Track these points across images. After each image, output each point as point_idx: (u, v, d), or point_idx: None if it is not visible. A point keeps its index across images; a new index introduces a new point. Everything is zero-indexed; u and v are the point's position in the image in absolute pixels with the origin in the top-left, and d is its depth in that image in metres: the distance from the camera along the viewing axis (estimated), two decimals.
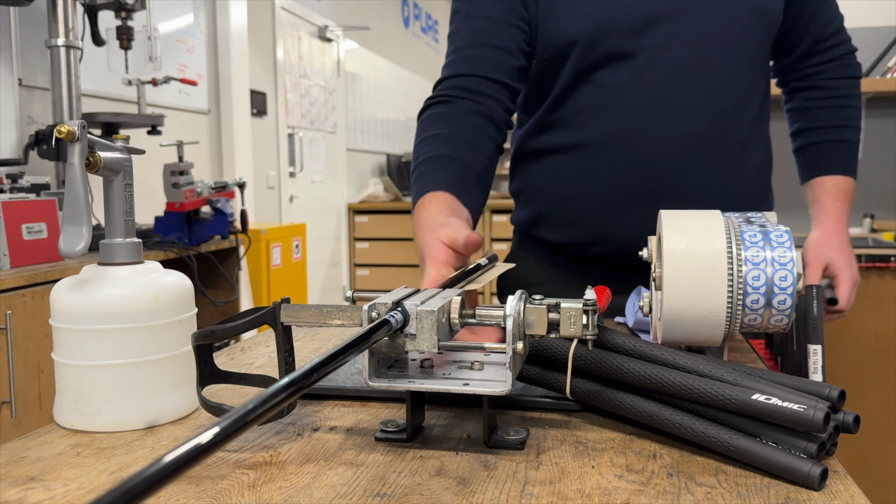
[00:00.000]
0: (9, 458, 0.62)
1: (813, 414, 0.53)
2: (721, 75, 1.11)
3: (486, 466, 0.58)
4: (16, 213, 1.78)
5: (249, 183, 3.74)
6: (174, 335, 0.70)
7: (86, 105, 2.54)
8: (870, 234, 2.95)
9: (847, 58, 1.25)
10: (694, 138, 1.10)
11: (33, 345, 1.66)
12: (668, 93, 1.10)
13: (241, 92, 3.79)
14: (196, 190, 2.33)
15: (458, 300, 0.63)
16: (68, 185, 0.66)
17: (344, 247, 5.54)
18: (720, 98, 1.11)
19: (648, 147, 1.10)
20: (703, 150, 1.10)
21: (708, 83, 1.10)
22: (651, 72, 1.10)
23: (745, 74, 1.14)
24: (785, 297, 0.70)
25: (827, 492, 0.53)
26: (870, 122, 3.13)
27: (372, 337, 0.53)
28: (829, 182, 1.21)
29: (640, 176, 1.10)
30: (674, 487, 0.54)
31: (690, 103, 1.10)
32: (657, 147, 1.10)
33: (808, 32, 1.21)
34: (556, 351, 0.69)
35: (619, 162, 1.11)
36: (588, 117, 1.13)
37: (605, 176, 1.12)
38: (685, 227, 0.73)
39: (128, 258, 0.71)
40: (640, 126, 1.10)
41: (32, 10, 2.37)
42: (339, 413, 0.72)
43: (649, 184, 1.10)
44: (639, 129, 1.10)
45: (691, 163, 1.10)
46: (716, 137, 1.11)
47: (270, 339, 1.02)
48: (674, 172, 1.10)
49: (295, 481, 0.56)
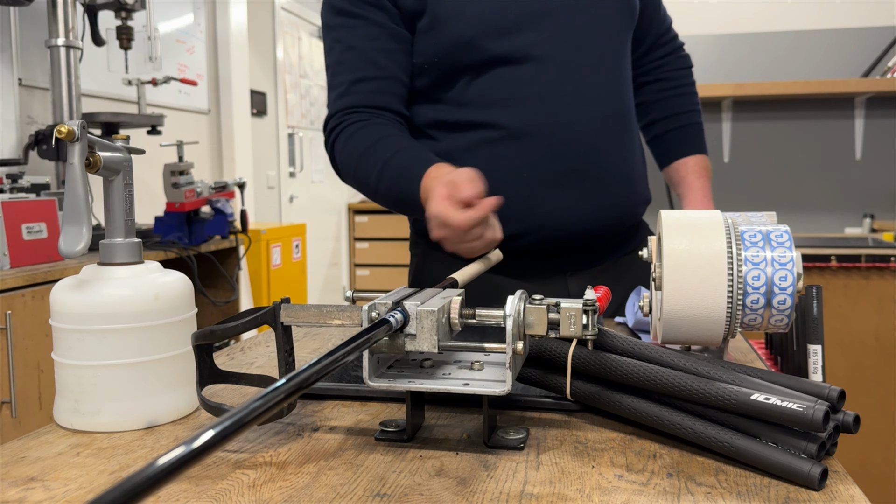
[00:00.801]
0: (9, 458, 0.62)
1: (812, 413, 0.53)
2: (609, 61, 1.18)
3: (486, 466, 0.58)
4: (16, 213, 1.78)
5: (249, 183, 3.74)
6: (174, 335, 0.70)
7: (86, 105, 2.54)
8: (870, 234, 2.96)
9: (681, 50, 1.38)
10: (601, 119, 1.16)
11: (33, 345, 1.66)
12: (568, 80, 1.14)
13: (241, 92, 3.79)
14: (196, 190, 2.33)
15: (459, 300, 0.63)
16: (68, 185, 0.66)
17: (344, 247, 5.54)
18: (611, 81, 1.18)
19: (563, 132, 1.13)
20: (610, 129, 1.17)
21: (599, 69, 1.17)
22: (549, 62, 1.14)
23: (624, 62, 1.22)
24: (785, 297, 0.70)
25: (827, 492, 0.53)
26: (870, 121, 3.13)
27: (372, 337, 0.53)
28: (691, 162, 1.32)
29: (559, 160, 1.13)
30: (674, 487, 0.54)
31: (590, 88, 1.15)
32: (570, 130, 1.14)
33: (651, 29, 1.32)
34: (556, 353, 0.69)
35: (537, 149, 1.13)
36: (494, 114, 1.14)
37: (524, 168, 1.14)
38: (685, 227, 0.73)
39: (128, 258, 0.71)
40: (550, 112, 1.13)
41: (32, 10, 2.37)
42: (339, 413, 0.72)
43: (568, 166, 1.14)
44: (550, 115, 1.13)
45: (603, 142, 1.16)
46: (616, 117, 1.18)
47: (270, 339, 1.02)
48: (588, 153, 1.14)
49: (295, 481, 0.56)
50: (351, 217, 5.56)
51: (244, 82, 3.82)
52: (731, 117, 3.21)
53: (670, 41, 1.36)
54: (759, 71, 3.29)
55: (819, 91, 2.94)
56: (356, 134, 1.13)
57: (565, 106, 1.14)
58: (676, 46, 1.37)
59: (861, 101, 3.11)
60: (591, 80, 1.15)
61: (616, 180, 1.17)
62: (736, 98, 3.07)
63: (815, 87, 2.93)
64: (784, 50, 3.29)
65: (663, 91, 1.35)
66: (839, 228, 3.13)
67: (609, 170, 1.16)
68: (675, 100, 1.35)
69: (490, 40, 1.13)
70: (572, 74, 1.14)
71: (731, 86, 2.95)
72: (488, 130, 1.14)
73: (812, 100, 3.15)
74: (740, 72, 3.29)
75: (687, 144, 1.34)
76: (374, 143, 1.11)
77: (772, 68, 3.29)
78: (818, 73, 3.25)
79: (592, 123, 1.14)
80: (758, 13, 3.34)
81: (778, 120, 3.21)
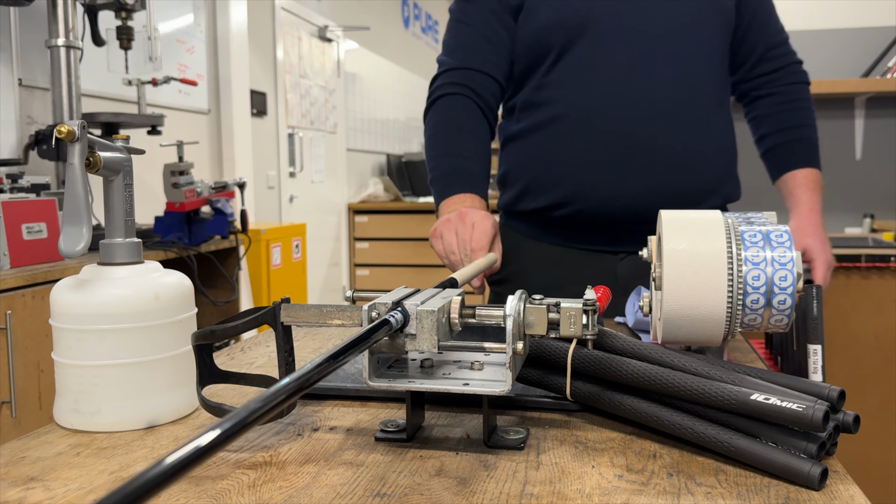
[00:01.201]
0: (9, 458, 0.62)
1: (812, 413, 0.53)
2: (681, 57, 1.23)
3: (486, 466, 0.58)
4: (16, 213, 1.78)
5: (249, 183, 3.74)
6: (174, 335, 0.70)
7: (86, 105, 2.54)
8: (870, 234, 2.95)
9: (796, 66, 1.39)
10: (661, 104, 1.21)
11: (33, 345, 1.66)
12: (636, 67, 1.21)
13: (241, 92, 3.79)
14: (196, 190, 2.33)
15: (459, 300, 0.63)
16: (68, 185, 0.66)
17: (344, 247, 5.54)
18: (681, 75, 1.22)
19: (622, 112, 1.21)
20: (669, 114, 1.21)
21: (669, 62, 1.22)
22: (621, 48, 1.22)
23: (703, 59, 1.25)
24: (785, 297, 0.70)
25: (827, 492, 0.53)
26: (870, 121, 3.13)
27: (372, 337, 0.53)
28: (800, 175, 1.33)
29: (615, 139, 1.21)
30: (674, 487, 0.54)
31: (655, 77, 1.21)
32: (629, 113, 1.21)
33: (759, 41, 1.35)
34: (556, 353, 0.69)
35: (594, 129, 1.22)
36: (566, 93, 1.24)
37: (583, 143, 1.22)
38: (685, 227, 0.73)
39: (128, 258, 0.71)
40: (612, 95, 1.21)
41: (32, 10, 2.37)
42: (339, 413, 0.72)
43: (623, 144, 1.20)
44: (612, 98, 1.21)
45: (661, 126, 1.21)
46: (680, 105, 1.22)
47: (270, 339, 1.02)
48: (644, 134, 1.20)
49: (295, 481, 0.56)
50: (351, 217, 5.56)
51: (244, 82, 3.82)
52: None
53: (783, 55, 1.37)
54: None
55: (819, 91, 2.94)
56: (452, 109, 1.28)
57: (629, 90, 1.21)
58: (791, 61, 1.38)
59: (861, 101, 3.11)
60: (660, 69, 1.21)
61: (672, 163, 1.20)
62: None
63: (815, 87, 2.91)
64: None
65: (775, 105, 1.37)
66: (839, 228, 3.13)
67: (665, 153, 1.20)
68: (786, 114, 1.36)
69: (574, 23, 1.22)
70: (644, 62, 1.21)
71: None
72: (557, 108, 1.24)
73: None
74: None
75: (796, 157, 1.34)
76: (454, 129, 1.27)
77: None
78: (818, 73, 3.25)
79: (654, 109, 1.20)
80: None
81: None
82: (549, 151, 1.26)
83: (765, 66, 1.36)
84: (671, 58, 1.22)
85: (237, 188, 2.56)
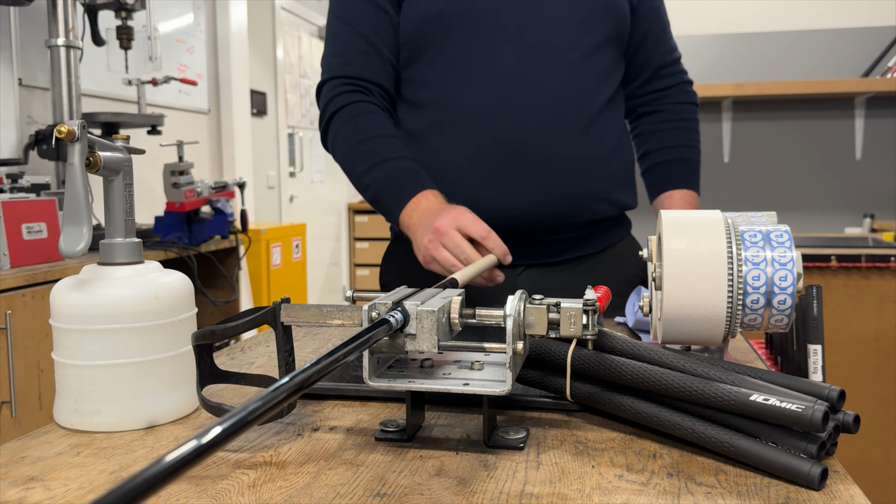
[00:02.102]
0: (9, 458, 0.62)
1: (811, 414, 0.53)
2: (571, 56, 1.17)
3: (486, 466, 0.58)
4: (16, 213, 1.78)
5: (249, 183, 3.74)
6: (174, 335, 0.70)
7: (86, 105, 2.54)
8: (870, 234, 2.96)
9: (686, 86, 1.34)
10: (549, 105, 1.15)
11: (33, 345, 1.66)
12: (523, 66, 1.15)
13: (241, 92, 3.79)
14: (196, 190, 2.33)
15: (459, 300, 0.63)
16: (68, 185, 0.66)
17: (344, 247, 5.54)
18: (571, 75, 1.16)
19: (509, 115, 1.14)
20: (558, 117, 1.15)
21: (559, 61, 1.16)
22: (507, 46, 1.15)
23: (594, 60, 1.19)
24: (785, 297, 0.70)
25: (827, 492, 0.53)
26: (870, 121, 3.13)
27: (372, 337, 0.53)
28: (676, 195, 1.28)
29: (502, 142, 1.14)
30: (674, 487, 0.54)
31: (543, 76, 1.15)
32: (515, 115, 1.14)
33: (653, 57, 1.30)
34: (556, 354, 0.69)
35: (483, 130, 1.15)
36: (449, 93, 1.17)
37: (468, 148, 1.16)
38: (685, 227, 0.73)
39: (128, 258, 0.71)
40: (498, 96, 1.15)
41: (32, 10, 2.37)
42: (339, 413, 0.72)
43: (511, 149, 1.14)
44: (499, 98, 1.15)
45: (548, 129, 1.14)
46: (569, 107, 1.16)
47: (270, 339, 1.02)
48: (532, 138, 1.14)
49: (295, 481, 0.56)
50: (351, 217, 5.56)
51: (244, 82, 3.82)
52: (731, 117, 3.21)
53: (675, 74, 1.33)
54: (759, 71, 3.29)
55: (819, 91, 2.94)
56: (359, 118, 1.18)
57: (516, 90, 1.14)
58: (681, 81, 1.34)
59: (861, 101, 3.11)
60: (548, 67, 1.15)
61: (563, 169, 1.14)
62: (736, 98, 3.07)
63: (815, 87, 2.93)
64: (784, 50, 3.29)
65: (659, 123, 1.32)
66: (839, 228, 3.13)
67: (555, 158, 1.14)
68: (670, 133, 1.31)
69: (456, 16, 1.15)
70: (530, 60, 1.15)
71: (730, 86, 2.95)
72: (441, 111, 1.18)
73: (812, 100, 3.15)
74: (740, 72, 3.29)
75: (675, 178, 1.29)
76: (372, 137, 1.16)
77: (772, 68, 3.29)
78: (818, 73, 3.25)
79: (542, 111, 1.14)
80: (758, 13, 3.34)
81: (778, 120, 3.21)
82: (434, 157, 1.17)
83: (655, 84, 1.32)
84: (560, 58, 1.15)
85: (237, 188, 2.56)
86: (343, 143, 1.19)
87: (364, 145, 1.16)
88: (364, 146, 1.16)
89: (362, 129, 1.17)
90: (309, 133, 5.00)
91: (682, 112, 1.33)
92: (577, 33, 1.17)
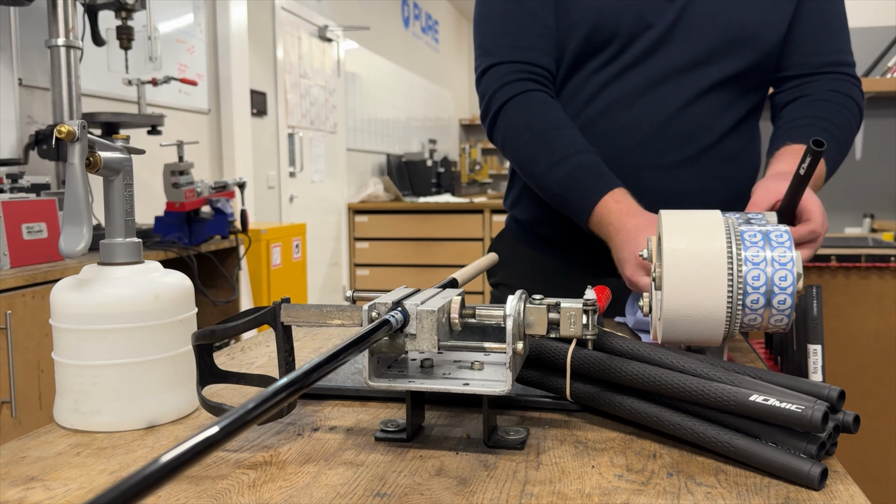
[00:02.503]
0: (9, 458, 0.62)
1: (811, 414, 0.53)
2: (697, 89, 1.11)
3: (486, 466, 0.58)
4: (16, 213, 1.78)
5: (249, 183, 3.74)
6: (174, 335, 0.70)
7: (86, 105, 2.54)
8: (870, 234, 2.95)
9: (851, 79, 1.16)
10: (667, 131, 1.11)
11: (33, 345, 1.66)
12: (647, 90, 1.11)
13: (241, 92, 3.79)
14: (196, 190, 2.33)
15: (459, 300, 0.63)
16: (68, 185, 0.66)
17: (344, 247, 5.54)
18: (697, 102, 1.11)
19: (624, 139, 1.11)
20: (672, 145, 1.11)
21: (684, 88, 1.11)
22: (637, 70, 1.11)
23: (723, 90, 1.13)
24: (785, 297, 0.70)
25: (827, 492, 0.53)
26: (870, 122, 3.13)
27: (372, 337, 0.53)
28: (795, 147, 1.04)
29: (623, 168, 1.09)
30: (674, 487, 0.54)
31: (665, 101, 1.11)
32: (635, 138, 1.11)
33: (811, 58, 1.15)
34: (556, 354, 0.69)
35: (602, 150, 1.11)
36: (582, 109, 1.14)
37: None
38: (685, 227, 0.73)
39: (128, 258, 0.71)
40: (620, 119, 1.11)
41: (32, 10, 2.37)
42: (339, 413, 0.72)
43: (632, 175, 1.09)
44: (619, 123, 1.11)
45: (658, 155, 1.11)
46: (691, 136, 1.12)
47: (270, 339, 1.02)
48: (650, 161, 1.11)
49: (295, 481, 0.56)
50: (351, 217, 5.56)
51: (244, 82, 3.82)
52: None
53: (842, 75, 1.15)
54: None
55: None
56: (534, 107, 1.11)
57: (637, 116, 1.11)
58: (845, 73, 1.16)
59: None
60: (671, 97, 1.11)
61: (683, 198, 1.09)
62: None
63: None
64: None
65: (804, 98, 1.14)
66: (839, 228, 3.13)
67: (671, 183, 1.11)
68: (813, 106, 1.12)
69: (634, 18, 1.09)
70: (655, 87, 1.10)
71: None
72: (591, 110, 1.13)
73: None
74: None
75: (802, 134, 1.06)
76: (555, 128, 1.09)
77: None
78: None
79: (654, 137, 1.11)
80: None
81: None
82: None
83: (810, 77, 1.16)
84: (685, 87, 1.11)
85: (237, 188, 2.56)
86: (514, 136, 1.11)
87: (544, 136, 1.08)
88: (545, 137, 1.08)
89: (539, 119, 1.09)
90: (309, 133, 5.00)
91: (839, 99, 1.12)
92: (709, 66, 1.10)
